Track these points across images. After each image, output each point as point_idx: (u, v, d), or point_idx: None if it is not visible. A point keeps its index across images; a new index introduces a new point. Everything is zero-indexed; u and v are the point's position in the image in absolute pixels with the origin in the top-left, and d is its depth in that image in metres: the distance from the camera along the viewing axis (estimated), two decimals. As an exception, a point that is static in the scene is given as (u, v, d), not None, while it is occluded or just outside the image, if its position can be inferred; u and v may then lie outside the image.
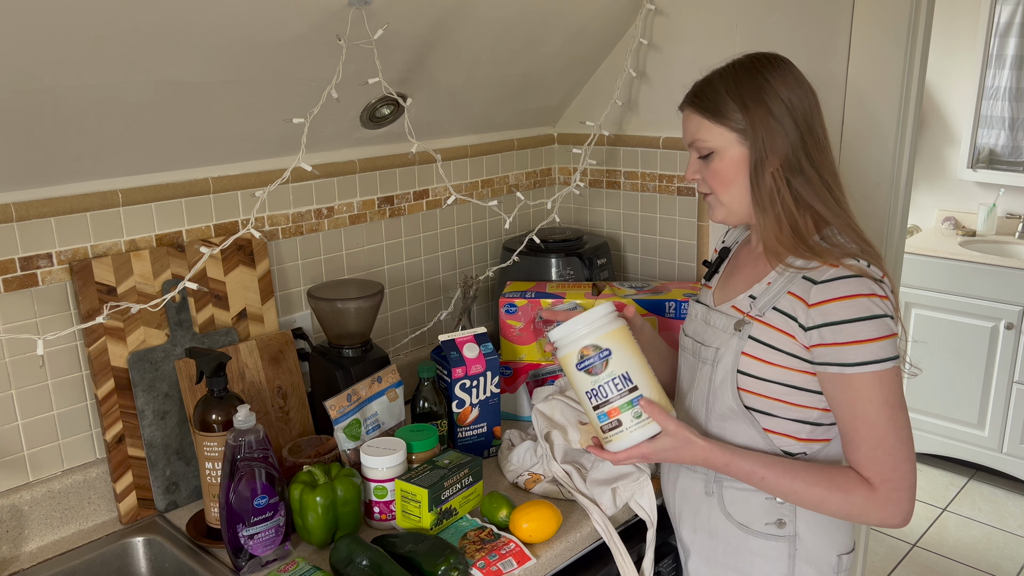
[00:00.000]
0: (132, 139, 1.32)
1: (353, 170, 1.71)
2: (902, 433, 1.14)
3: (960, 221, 3.72)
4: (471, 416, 1.55)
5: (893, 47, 1.82)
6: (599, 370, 1.21)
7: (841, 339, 1.12)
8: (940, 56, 3.58)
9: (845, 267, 1.13)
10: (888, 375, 1.13)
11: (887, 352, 1.12)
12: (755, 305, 1.22)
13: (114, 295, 1.37)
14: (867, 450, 1.14)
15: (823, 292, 1.13)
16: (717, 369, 1.25)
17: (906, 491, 1.14)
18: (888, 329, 1.12)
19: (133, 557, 1.36)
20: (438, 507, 1.28)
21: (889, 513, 1.14)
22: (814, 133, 1.19)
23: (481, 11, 1.53)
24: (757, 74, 1.18)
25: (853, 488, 1.15)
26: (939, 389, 3.47)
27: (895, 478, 1.13)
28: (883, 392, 1.13)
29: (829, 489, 1.16)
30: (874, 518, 1.15)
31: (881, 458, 1.13)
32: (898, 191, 1.94)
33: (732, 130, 1.19)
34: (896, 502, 1.13)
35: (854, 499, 1.15)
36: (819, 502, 1.17)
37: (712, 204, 1.26)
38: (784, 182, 1.18)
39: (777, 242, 1.19)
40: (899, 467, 1.13)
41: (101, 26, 1.08)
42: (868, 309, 1.11)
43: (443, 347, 1.55)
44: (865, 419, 1.14)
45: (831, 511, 1.17)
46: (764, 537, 1.25)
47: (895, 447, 1.13)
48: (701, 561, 1.32)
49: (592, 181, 2.10)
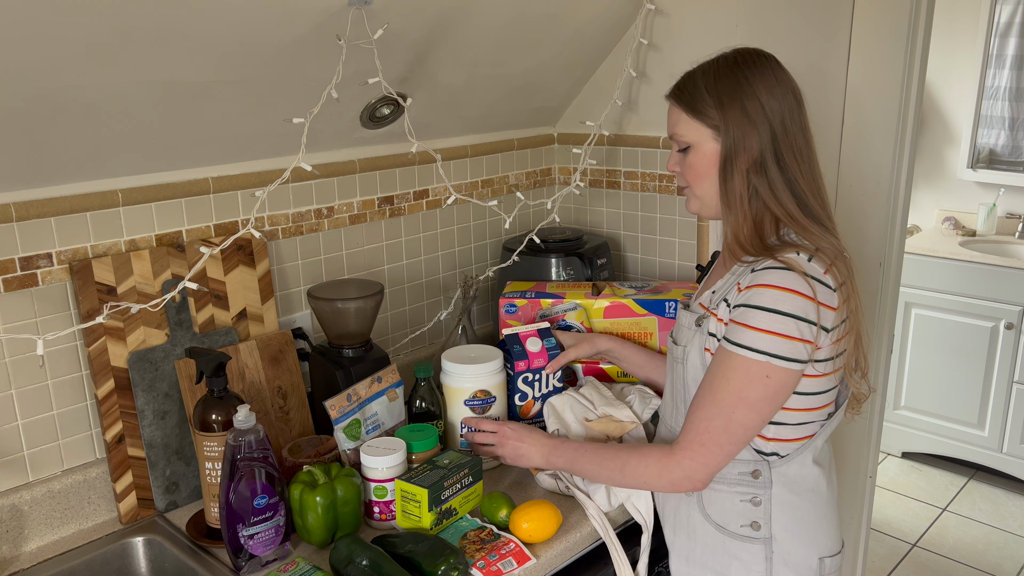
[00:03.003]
0: (132, 139, 1.32)
1: (353, 170, 1.71)
2: (732, 426, 1.16)
3: (960, 221, 3.72)
4: (533, 409, 1.57)
5: (893, 47, 1.83)
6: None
7: (741, 320, 1.15)
8: (940, 56, 3.58)
9: (778, 260, 1.14)
10: (758, 369, 1.13)
11: (769, 347, 1.12)
12: (713, 299, 1.24)
13: (114, 295, 1.37)
14: (695, 418, 1.19)
15: (753, 279, 1.15)
16: (687, 367, 1.26)
17: (701, 466, 1.19)
18: (785, 328, 1.11)
19: (133, 557, 1.36)
20: (438, 507, 1.28)
21: (676, 477, 1.20)
22: (789, 135, 1.18)
23: (481, 11, 1.53)
24: (738, 71, 1.18)
25: (651, 451, 1.24)
26: (939, 389, 3.47)
27: (696, 452, 1.18)
28: (741, 381, 1.14)
29: (629, 455, 1.26)
30: (664, 480, 1.22)
31: (699, 430, 1.18)
32: (898, 191, 1.94)
33: (707, 126, 1.20)
34: (685, 469, 1.19)
35: (649, 460, 1.23)
36: (621, 467, 1.26)
37: (688, 196, 1.29)
38: (750, 183, 1.19)
39: (736, 240, 1.21)
40: (706, 445, 1.18)
41: (101, 26, 1.08)
42: (776, 302, 1.12)
43: (507, 341, 1.57)
44: (712, 392, 1.17)
45: (633, 474, 1.25)
46: (740, 539, 1.25)
47: (717, 430, 1.17)
48: (681, 561, 1.33)
49: (592, 181, 2.10)
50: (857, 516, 2.20)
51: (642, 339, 1.67)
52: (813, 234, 1.17)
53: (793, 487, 1.23)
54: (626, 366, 1.61)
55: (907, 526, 3.18)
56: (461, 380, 1.51)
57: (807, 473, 1.24)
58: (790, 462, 1.22)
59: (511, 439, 1.42)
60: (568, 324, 1.69)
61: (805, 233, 1.18)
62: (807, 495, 1.24)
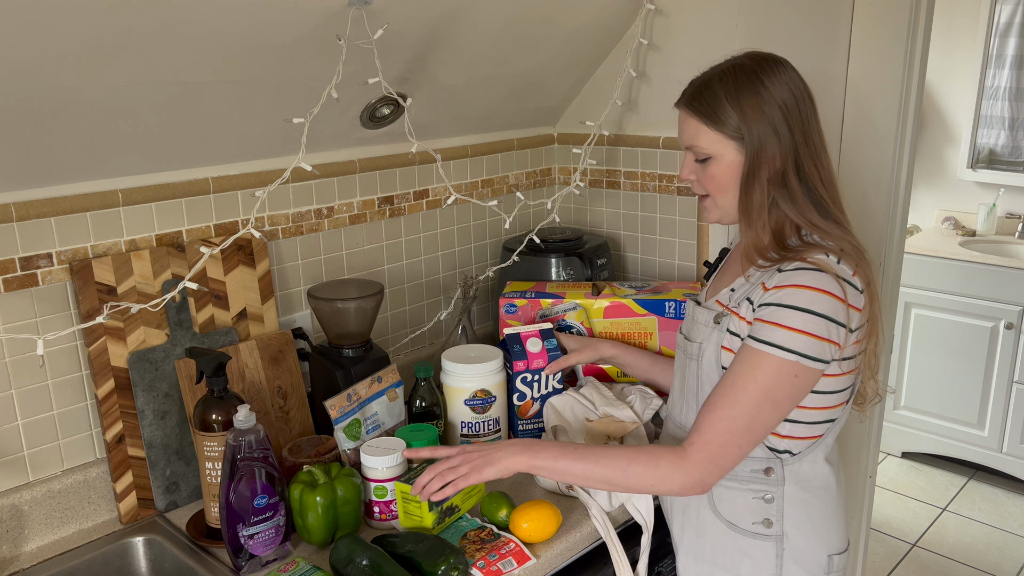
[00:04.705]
0: (132, 139, 1.32)
1: (353, 170, 1.71)
2: (756, 426, 1.14)
3: (960, 221, 3.72)
4: (532, 410, 1.57)
5: (893, 47, 1.83)
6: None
7: (771, 319, 1.13)
8: (940, 56, 3.58)
9: (809, 261, 1.14)
10: (788, 368, 1.12)
11: (801, 347, 1.11)
12: (733, 297, 1.23)
13: (114, 295, 1.37)
14: (715, 417, 1.15)
15: (782, 279, 1.15)
16: (702, 364, 1.26)
17: (716, 467, 1.15)
18: (817, 329, 1.11)
19: (133, 557, 1.36)
20: (438, 506, 1.28)
21: (690, 479, 1.16)
22: (810, 142, 1.18)
23: (481, 11, 1.53)
24: (756, 80, 1.17)
25: (662, 451, 1.18)
26: (939, 389, 3.47)
27: (715, 452, 1.15)
28: (771, 380, 1.13)
29: (636, 454, 1.19)
30: (675, 483, 1.17)
31: (719, 429, 1.15)
32: (898, 191, 1.94)
33: (730, 137, 1.18)
34: (701, 471, 1.15)
35: (660, 461, 1.17)
36: (625, 466, 1.18)
37: (708, 207, 1.27)
38: (771, 196, 1.18)
39: (756, 249, 1.20)
40: (727, 446, 1.14)
41: (101, 26, 1.08)
42: (810, 302, 1.11)
43: (507, 340, 1.57)
44: (736, 390, 1.14)
45: (638, 476, 1.18)
46: (752, 536, 1.25)
47: (739, 430, 1.14)
48: (690, 558, 1.33)
49: (592, 181, 2.10)
50: (857, 516, 2.20)
51: (642, 339, 1.68)
52: (833, 235, 1.18)
53: (805, 484, 1.23)
54: (630, 371, 1.61)
55: (907, 526, 3.18)
56: (461, 380, 1.51)
57: (819, 471, 1.24)
58: (802, 460, 1.23)
59: (469, 452, 1.25)
60: (568, 324, 1.69)
61: (826, 235, 1.18)
62: (818, 492, 1.24)
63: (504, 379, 1.55)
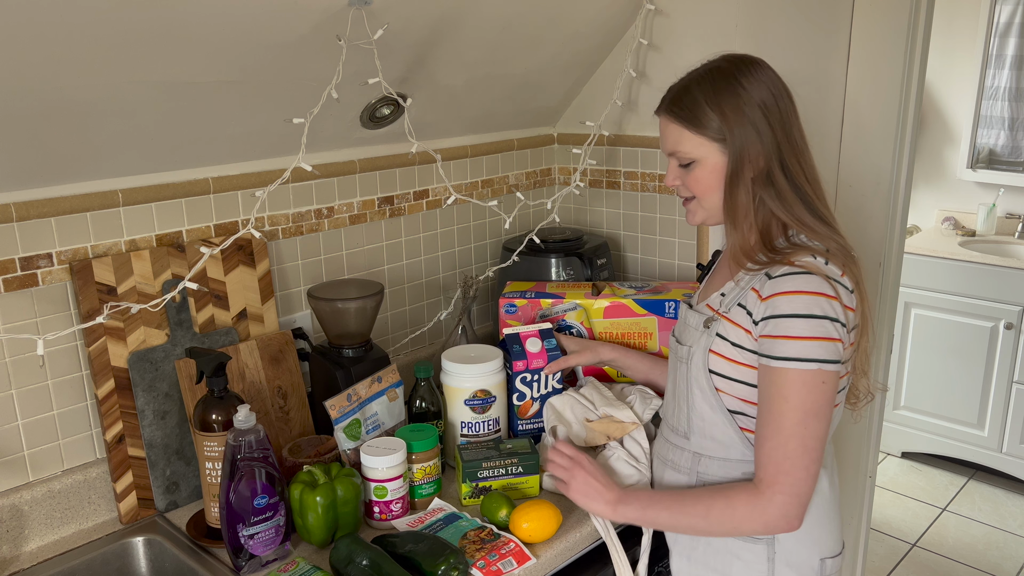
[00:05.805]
0: (132, 139, 1.33)
1: (353, 170, 1.71)
2: (809, 442, 1.12)
3: (960, 221, 3.72)
4: (531, 410, 1.57)
5: (893, 47, 1.83)
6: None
7: (777, 332, 1.13)
8: (940, 56, 3.58)
9: (797, 264, 1.14)
10: (812, 378, 1.11)
11: (817, 353, 1.11)
12: (723, 302, 1.23)
13: (114, 295, 1.37)
14: (768, 448, 1.14)
15: (774, 286, 1.14)
16: (691, 367, 1.26)
17: (793, 498, 1.12)
18: (824, 331, 1.11)
19: (133, 557, 1.36)
20: (473, 482, 1.36)
21: (771, 517, 1.13)
22: (792, 140, 1.18)
23: (481, 11, 1.53)
24: (734, 81, 1.17)
25: (736, 492, 1.16)
26: (939, 389, 3.47)
27: (783, 482, 1.12)
28: (801, 394, 1.11)
29: (713, 498, 1.17)
30: (757, 523, 1.15)
31: (778, 460, 1.12)
32: (898, 191, 1.94)
33: (712, 140, 1.19)
34: (779, 506, 1.12)
35: (736, 503, 1.15)
36: (705, 512, 1.17)
37: (693, 209, 1.27)
38: (756, 196, 1.18)
39: (743, 251, 1.20)
40: (792, 473, 1.12)
41: (101, 26, 1.08)
42: (808, 306, 1.11)
43: (507, 340, 1.57)
44: (775, 416, 1.13)
45: (719, 520, 1.17)
46: (743, 539, 1.25)
47: (796, 453, 1.12)
48: (683, 560, 1.32)
49: (592, 181, 2.10)
50: (857, 516, 2.20)
51: (642, 339, 1.68)
52: (820, 234, 1.18)
53: None
54: (630, 374, 1.61)
55: (907, 526, 3.18)
56: (461, 380, 1.51)
57: None
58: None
59: (584, 471, 1.29)
60: (568, 324, 1.69)
61: (813, 234, 1.18)
62: None
63: (504, 379, 1.55)
